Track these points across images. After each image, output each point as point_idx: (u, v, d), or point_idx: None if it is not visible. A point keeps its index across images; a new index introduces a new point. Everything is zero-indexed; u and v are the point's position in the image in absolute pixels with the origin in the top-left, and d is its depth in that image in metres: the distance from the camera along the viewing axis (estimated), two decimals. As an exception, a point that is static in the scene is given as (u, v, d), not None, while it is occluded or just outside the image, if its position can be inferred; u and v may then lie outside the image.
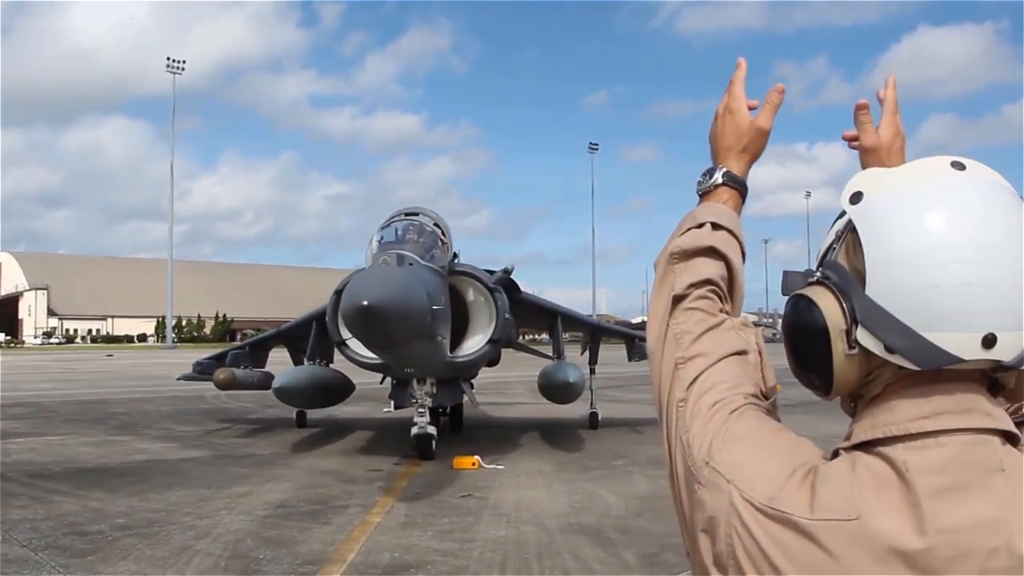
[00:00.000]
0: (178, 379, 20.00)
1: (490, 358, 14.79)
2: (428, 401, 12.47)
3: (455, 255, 13.69)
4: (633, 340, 19.99)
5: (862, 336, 1.14)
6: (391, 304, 9.48)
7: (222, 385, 16.93)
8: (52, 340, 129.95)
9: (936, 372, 1.12)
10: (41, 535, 8.42)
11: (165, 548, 7.92)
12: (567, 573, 7.19)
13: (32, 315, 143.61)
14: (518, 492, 10.77)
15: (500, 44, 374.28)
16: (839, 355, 1.17)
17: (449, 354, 12.76)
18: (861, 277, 1.15)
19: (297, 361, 17.16)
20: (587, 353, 19.28)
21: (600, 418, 17.76)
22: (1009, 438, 1.13)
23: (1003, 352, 1.10)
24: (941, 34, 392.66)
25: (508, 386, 29.38)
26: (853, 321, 1.15)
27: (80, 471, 12.45)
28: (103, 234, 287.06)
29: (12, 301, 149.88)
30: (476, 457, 12.57)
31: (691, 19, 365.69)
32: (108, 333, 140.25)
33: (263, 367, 18.36)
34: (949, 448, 1.10)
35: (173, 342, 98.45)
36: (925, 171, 1.20)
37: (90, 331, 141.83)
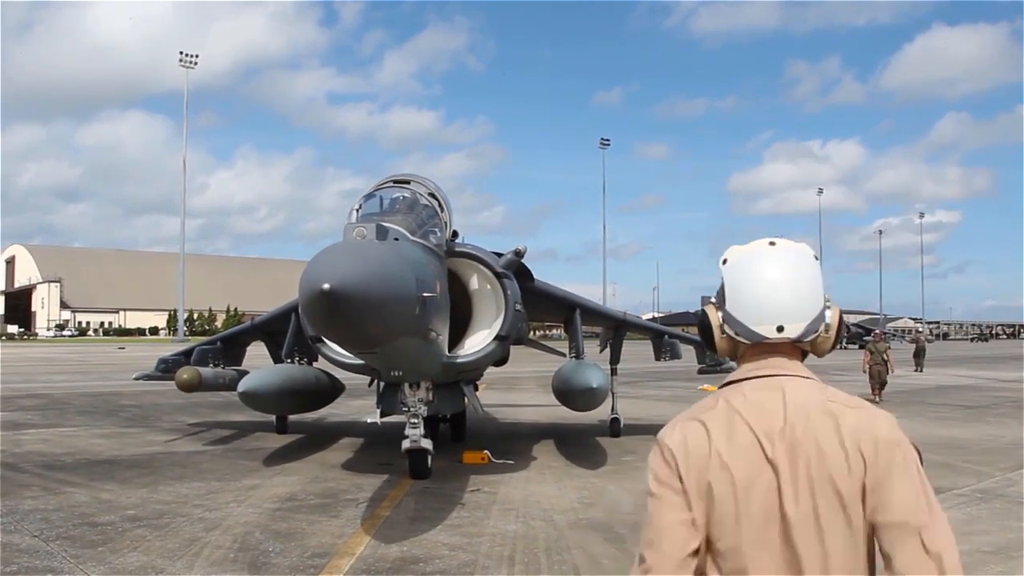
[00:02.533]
0: (136, 379, 17.66)
1: (498, 357, 12.45)
2: (423, 409, 10.46)
3: (455, 233, 11.60)
4: (662, 336, 17.53)
5: (726, 328, 2.21)
6: (363, 288, 7.05)
7: (185, 387, 14.08)
8: (65, 332, 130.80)
9: (762, 344, 2.16)
10: (52, 526, 8.47)
11: (175, 540, 7.95)
12: (576, 568, 7.17)
13: (45, 307, 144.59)
14: (527, 487, 10.75)
15: (516, 42, 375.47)
16: (718, 337, 2.24)
17: (447, 354, 10.74)
18: (723, 300, 2.21)
19: (276, 358, 14.80)
20: (607, 351, 16.96)
21: (622, 424, 15.90)
22: (796, 377, 2.12)
23: (791, 333, 2.13)
24: (955, 33, 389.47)
25: (519, 382, 29.36)
26: (722, 320, 2.22)
27: (91, 463, 12.51)
28: (119, 228, 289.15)
29: (25, 293, 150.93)
30: (486, 452, 12.51)
31: (706, 18, 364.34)
32: (120, 326, 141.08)
33: (239, 365, 16.16)
34: (768, 380, 2.12)
35: (184, 335, 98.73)
36: (754, 247, 2.24)
37: (102, 324, 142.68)
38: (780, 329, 2.12)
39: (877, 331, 29.04)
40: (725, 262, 2.24)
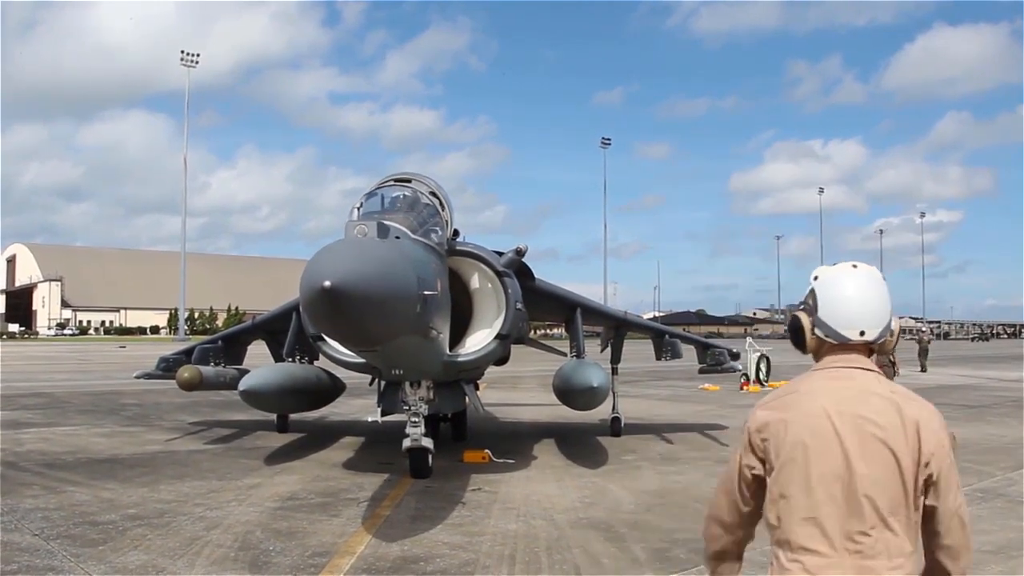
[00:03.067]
0: (136, 377, 17.42)
1: (498, 357, 12.46)
2: (423, 408, 10.46)
3: (456, 232, 11.63)
4: (663, 335, 17.34)
5: (816, 331, 2.78)
6: (364, 286, 7.07)
7: (186, 385, 14.21)
8: (66, 331, 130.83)
9: (843, 344, 2.74)
10: (53, 524, 8.47)
11: (176, 538, 7.95)
12: (576, 567, 7.16)
13: (46, 306, 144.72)
14: (528, 486, 10.75)
15: (518, 42, 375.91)
16: (808, 337, 2.81)
17: (448, 352, 10.78)
18: (815, 308, 2.79)
19: (277, 357, 14.72)
20: (608, 350, 16.97)
21: (623, 423, 15.90)
22: (866, 370, 2.71)
23: (869, 336, 2.73)
24: (956, 33, 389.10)
25: (520, 381, 29.36)
26: (813, 324, 2.79)
27: (92, 461, 12.52)
28: (121, 227, 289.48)
29: (26, 292, 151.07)
30: (486, 451, 12.50)
31: (706, 18, 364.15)
32: (121, 325, 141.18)
33: (240, 364, 16.05)
34: (839, 368, 2.71)
35: (185, 334, 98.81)
36: (840, 268, 2.82)
37: (103, 323, 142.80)
38: (862, 334, 2.73)
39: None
40: (816, 279, 2.84)
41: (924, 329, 24.79)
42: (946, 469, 2.59)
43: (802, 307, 2.85)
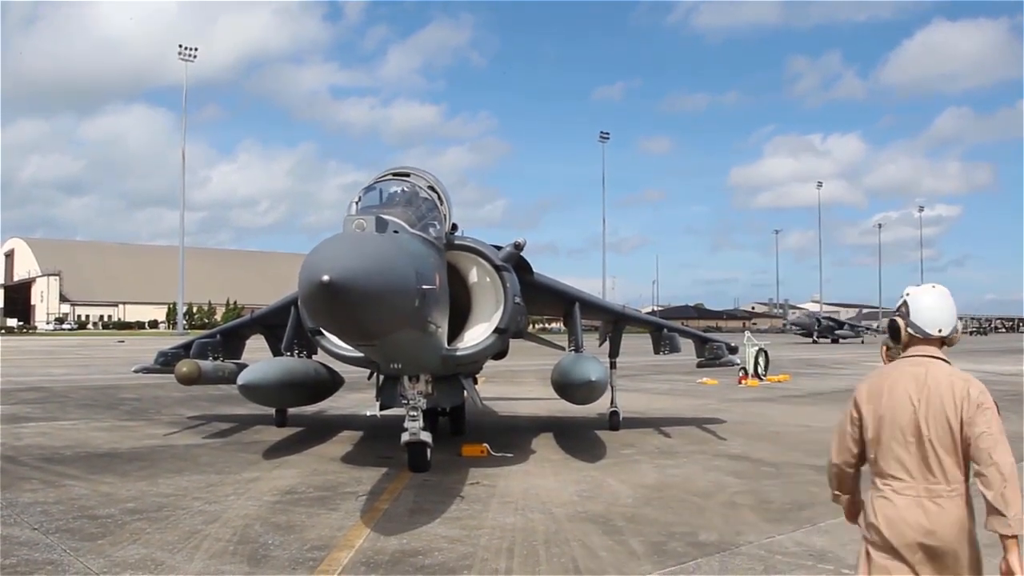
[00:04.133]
0: (135, 371, 17.47)
1: (497, 351, 12.55)
2: (422, 402, 10.45)
3: (454, 227, 11.56)
4: (661, 329, 17.23)
5: (909, 330, 4.18)
6: (363, 280, 7.10)
7: (185, 380, 14.26)
8: (64, 326, 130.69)
9: (927, 339, 4.15)
10: (52, 518, 8.49)
11: (174, 532, 7.97)
12: (574, 560, 7.18)
13: (44, 301, 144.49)
14: (526, 480, 10.77)
15: (519, 37, 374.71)
16: (904, 334, 4.19)
17: (446, 346, 10.79)
18: (907, 313, 4.20)
19: (276, 352, 14.77)
20: (606, 344, 17.08)
21: (621, 417, 15.93)
22: (938, 359, 4.11)
23: (943, 333, 4.17)
24: (956, 29, 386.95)
25: (518, 375, 29.38)
26: (907, 324, 4.18)
27: (91, 456, 12.53)
28: (122, 221, 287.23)
29: (25, 287, 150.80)
30: (485, 445, 12.52)
31: (707, 14, 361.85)
32: (120, 319, 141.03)
33: (238, 358, 16.05)
34: (917, 357, 4.12)
35: (184, 329, 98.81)
36: (924, 288, 4.25)
37: (102, 317, 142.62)
38: (940, 331, 4.16)
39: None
40: (908, 294, 4.25)
41: None
42: (980, 427, 3.85)
43: (897, 313, 4.25)
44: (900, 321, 4.21)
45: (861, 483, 4.30)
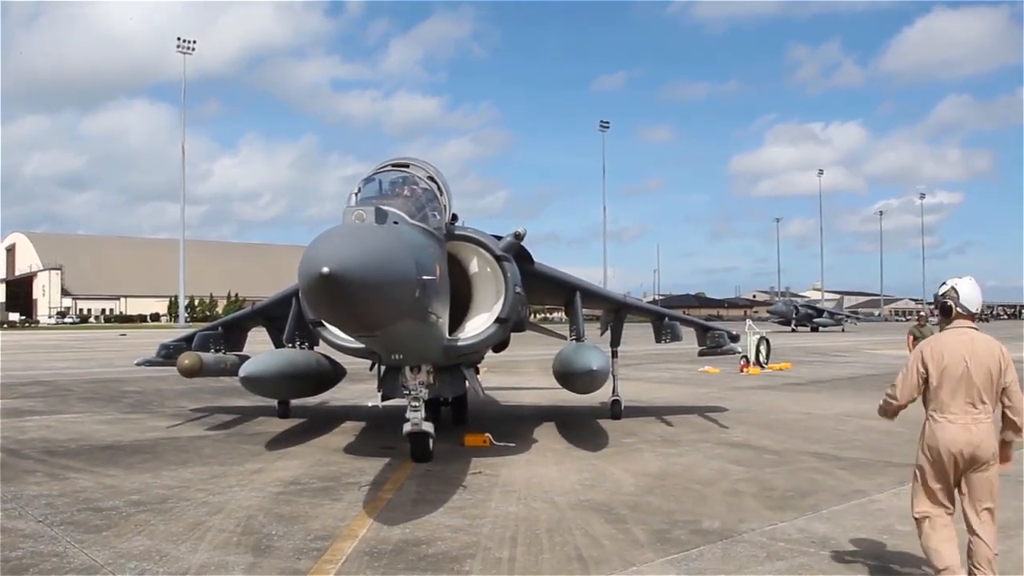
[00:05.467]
0: (137, 364, 17.28)
1: (498, 341, 12.50)
2: (424, 393, 10.40)
3: (455, 217, 11.54)
4: (662, 318, 17.26)
5: (959, 309, 5.94)
6: (363, 271, 7.11)
7: (187, 372, 14.26)
8: (66, 320, 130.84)
9: (969, 315, 5.96)
10: (56, 511, 8.51)
11: (178, 524, 7.99)
12: (577, 549, 7.20)
13: (46, 295, 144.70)
14: (529, 469, 10.79)
15: (520, 29, 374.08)
16: (955, 312, 5.94)
17: (448, 337, 10.79)
18: (958, 297, 5.96)
19: (278, 343, 14.71)
20: (608, 333, 16.94)
21: (623, 406, 15.97)
22: (974, 329, 5.98)
23: (977, 310, 6.02)
24: (956, 16, 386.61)
25: (519, 365, 29.40)
26: (956, 304, 5.94)
27: (95, 448, 12.56)
28: (124, 216, 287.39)
29: (26, 281, 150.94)
30: (487, 435, 12.53)
31: (707, 4, 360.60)
32: (121, 313, 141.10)
33: (240, 350, 16.05)
34: (962, 327, 5.94)
35: (186, 321, 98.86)
36: (965, 278, 6.04)
37: (103, 311, 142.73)
38: (977, 309, 5.92)
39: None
40: (954, 284, 5.95)
41: (923, 312, 24.05)
42: (1009, 376, 5.74)
43: (947, 297, 5.91)
44: (951, 302, 5.91)
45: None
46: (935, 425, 5.71)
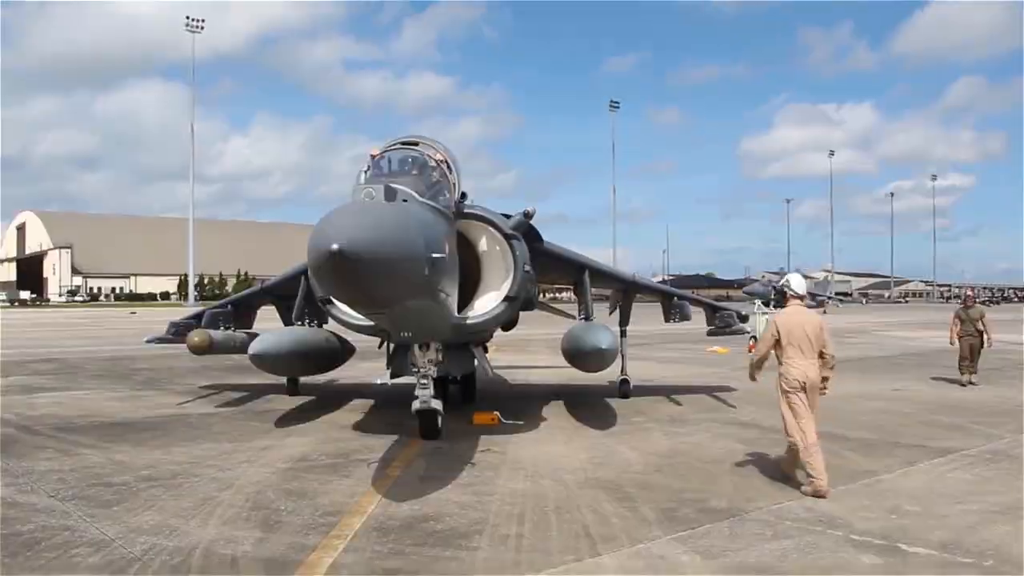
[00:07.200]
0: (147, 341, 17.25)
1: (506, 319, 12.49)
2: (432, 371, 10.41)
3: (464, 195, 11.35)
4: (671, 298, 17.32)
5: (791, 292, 9.18)
6: (373, 248, 7.09)
7: (197, 349, 14.44)
8: (76, 298, 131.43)
9: (798, 296, 9.23)
10: (68, 486, 8.58)
11: (189, 499, 8.05)
12: (585, 526, 7.23)
13: (56, 273, 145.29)
14: (537, 447, 10.82)
15: (532, 11, 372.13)
16: (788, 295, 9.28)
17: (456, 315, 10.69)
18: (790, 285, 9.34)
19: (287, 321, 14.86)
20: (616, 312, 17.13)
21: (632, 386, 16.06)
22: (804, 306, 9.30)
23: (803, 295, 9.29)
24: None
25: (528, 344, 29.41)
26: (790, 290, 9.25)
27: (105, 425, 12.65)
28: (136, 195, 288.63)
29: (37, 260, 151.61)
30: (496, 413, 12.56)
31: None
32: (131, 291, 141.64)
33: (250, 328, 16.11)
34: (796, 307, 9.13)
35: (195, 300, 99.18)
36: (792, 273, 9.86)
37: (114, 289, 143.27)
38: (804, 293, 9.26)
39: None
40: (789, 279, 9.13)
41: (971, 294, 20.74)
42: (825, 336, 8.67)
43: (784, 287, 8.90)
44: (787, 290, 8.93)
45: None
46: (787, 366, 8.66)
